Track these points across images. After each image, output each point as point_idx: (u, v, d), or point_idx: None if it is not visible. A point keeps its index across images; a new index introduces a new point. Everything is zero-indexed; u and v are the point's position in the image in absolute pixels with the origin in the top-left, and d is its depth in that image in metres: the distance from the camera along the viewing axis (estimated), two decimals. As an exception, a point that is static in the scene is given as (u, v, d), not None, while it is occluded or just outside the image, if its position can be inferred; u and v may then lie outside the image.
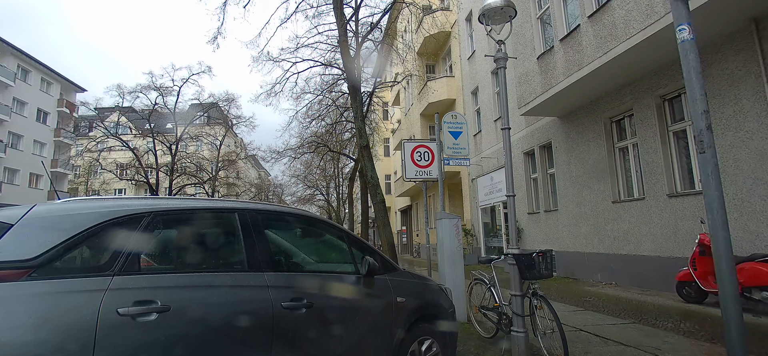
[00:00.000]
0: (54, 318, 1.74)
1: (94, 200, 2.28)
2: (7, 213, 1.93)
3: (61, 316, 1.76)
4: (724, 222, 1.93)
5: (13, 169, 30.57)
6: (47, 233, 1.90)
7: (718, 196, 1.93)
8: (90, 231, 2.00)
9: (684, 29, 2.06)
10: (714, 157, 1.96)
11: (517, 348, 3.63)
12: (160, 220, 2.26)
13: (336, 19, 10.49)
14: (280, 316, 2.40)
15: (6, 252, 1.78)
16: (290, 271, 2.74)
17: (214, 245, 2.54)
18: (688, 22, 2.07)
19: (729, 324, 1.90)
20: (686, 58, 2.05)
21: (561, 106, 10.10)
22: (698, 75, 2.00)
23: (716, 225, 1.94)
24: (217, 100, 29.44)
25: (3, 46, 29.95)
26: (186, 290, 2.13)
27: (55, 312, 1.76)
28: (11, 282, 1.73)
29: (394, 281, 3.25)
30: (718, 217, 1.93)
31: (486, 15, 4.10)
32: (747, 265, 5.76)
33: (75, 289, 1.84)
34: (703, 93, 1.98)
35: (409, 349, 3.12)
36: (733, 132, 6.54)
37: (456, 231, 5.57)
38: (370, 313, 2.99)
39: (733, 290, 1.87)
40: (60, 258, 1.88)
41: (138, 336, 1.90)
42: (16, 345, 1.63)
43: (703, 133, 1.95)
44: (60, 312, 1.77)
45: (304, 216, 3.41)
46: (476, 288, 5.01)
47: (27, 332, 1.67)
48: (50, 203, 2.17)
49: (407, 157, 7.33)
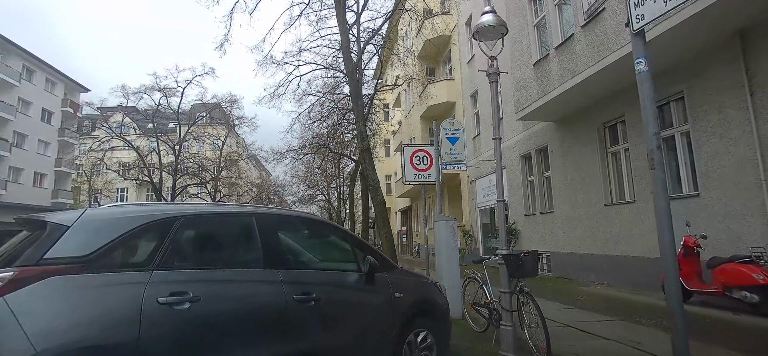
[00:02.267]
0: (107, 305, 2.10)
1: (133, 206, 2.63)
2: (63, 217, 2.28)
3: (114, 303, 2.12)
4: (669, 226, 2.24)
5: (18, 168, 30.93)
6: (97, 235, 2.25)
7: (665, 206, 2.24)
8: (132, 233, 2.35)
9: (641, 62, 2.38)
10: (662, 173, 2.27)
11: (505, 340, 3.96)
12: (189, 223, 2.61)
13: (338, 25, 10.82)
14: (292, 308, 2.74)
15: (65, 250, 2.14)
16: (300, 268, 3.09)
17: (235, 245, 2.88)
18: (645, 56, 2.39)
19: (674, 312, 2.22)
20: (642, 87, 2.37)
21: (556, 111, 10.41)
22: (652, 101, 2.32)
23: (663, 228, 2.26)
24: (220, 101, 29.82)
25: (8, 46, 30.34)
26: (213, 283, 2.48)
27: (108, 299, 2.12)
28: (71, 275, 2.08)
29: (393, 278, 3.58)
30: (665, 222, 2.24)
31: (480, 32, 4.42)
32: (728, 266, 6.08)
33: (122, 281, 2.19)
34: (655, 117, 2.30)
35: (406, 340, 3.45)
36: (717, 139, 6.86)
37: (452, 233, 5.89)
38: (371, 307, 3.32)
39: (675, 284, 2.18)
40: (108, 256, 2.23)
41: (175, 320, 2.27)
42: (78, 324, 2.01)
43: (654, 151, 2.26)
44: (112, 299, 2.12)
45: (313, 219, 3.76)
46: (470, 287, 5.34)
47: (86, 314, 2.05)
48: (98, 208, 2.51)
49: (407, 161, 7.65)
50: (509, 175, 14.04)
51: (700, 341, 4.67)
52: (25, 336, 1.87)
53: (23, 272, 2.01)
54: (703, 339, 4.75)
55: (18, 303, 1.92)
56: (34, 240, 2.20)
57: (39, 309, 1.95)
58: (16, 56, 31.11)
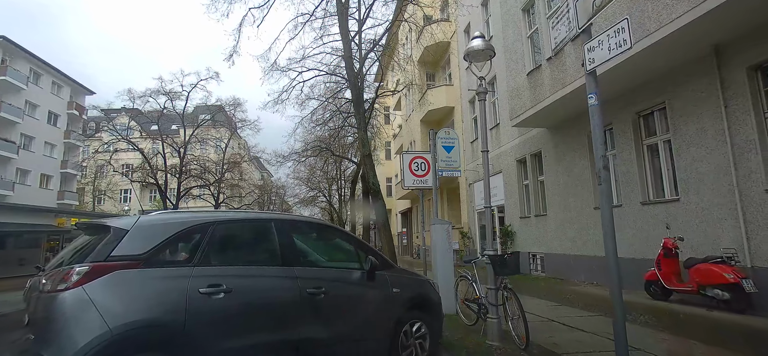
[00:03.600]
0: (161, 293, 2.63)
1: (176, 213, 3.14)
2: (123, 223, 2.79)
3: (165, 292, 2.64)
4: (612, 233, 2.72)
5: (25, 170, 31.47)
6: (150, 237, 2.77)
7: (609, 216, 2.72)
8: (177, 235, 2.87)
9: (592, 97, 2.86)
10: (608, 188, 2.75)
11: (492, 331, 4.45)
12: (221, 228, 3.13)
13: (341, 36, 11.32)
14: (305, 299, 3.24)
15: (126, 250, 2.66)
16: (312, 266, 3.61)
17: (258, 245, 3.39)
18: (596, 92, 2.87)
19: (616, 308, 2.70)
20: (593, 117, 2.86)
21: (549, 118, 10.90)
22: (600, 130, 2.80)
23: (607, 234, 2.73)
24: (224, 104, 30.35)
25: (16, 50, 30.90)
26: (241, 278, 3.00)
27: (161, 289, 2.64)
28: (132, 269, 2.59)
29: (392, 276, 4.09)
30: (609, 230, 2.72)
31: (470, 55, 4.92)
32: (702, 266, 6.57)
33: (171, 275, 2.71)
34: (603, 143, 2.78)
35: (402, 329, 3.95)
36: (695, 147, 7.34)
37: (447, 235, 6.39)
38: (372, 300, 3.82)
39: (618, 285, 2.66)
40: (159, 254, 2.75)
41: (212, 307, 2.80)
42: (139, 308, 2.54)
43: (601, 171, 2.74)
44: (164, 289, 2.65)
45: (322, 224, 4.28)
46: (462, 284, 5.83)
47: (145, 301, 2.58)
48: (149, 215, 3.02)
49: (406, 167, 8.13)
50: (505, 179, 14.54)
51: (672, 334, 5.17)
52: (101, 316, 2.38)
53: (96, 267, 2.53)
54: (674, 332, 5.24)
55: (93, 291, 2.45)
56: (100, 241, 2.72)
57: (109, 296, 2.48)
58: (23, 60, 31.68)
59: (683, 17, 6.19)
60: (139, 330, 2.49)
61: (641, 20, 7.01)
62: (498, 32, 13.91)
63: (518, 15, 11.45)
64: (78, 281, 2.45)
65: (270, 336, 3.00)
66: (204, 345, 2.68)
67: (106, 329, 2.37)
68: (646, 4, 6.89)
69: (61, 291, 2.44)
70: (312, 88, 19.85)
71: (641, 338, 4.89)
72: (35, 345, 2.39)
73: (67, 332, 2.34)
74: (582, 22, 2.97)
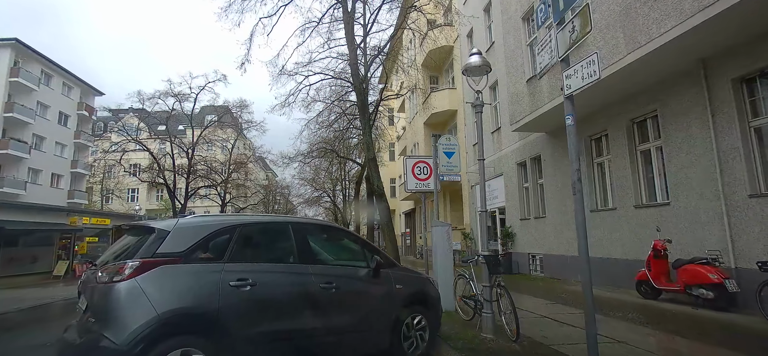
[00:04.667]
0: (198, 285, 3.08)
1: (208, 216, 3.59)
2: (164, 225, 3.26)
3: (202, 284, 3.09)
4: (585, 237, 3.12)
5: (36, 170, 32.17)
6: (188, 237, 3.22)
7: (582, 221, 3.12)
8: (209, 236, 3.32)
9: (569, 118, 3.26)
10: (581, 198, 3.15)
11: (486, 325, 4.86)
12: (246, 229, 3.59)
13: (347, 44, 11.74)
14: (319, 293, 3.69)
15: (169, 248, 3.12)
16: (324, 263, 4.04)
17: (277, 245, 3.83)
18: (572, 114, 3.28)
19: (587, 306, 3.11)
20: (570, 136, 3.26)
21: (547, 124, 11.28)
22: (575, 147, 3.20)
23: (580, 237, 3.13)
24: (231, 106, 30.91)
25: (28, 52, 31.62)
26: (264, 273, 3.45)
27: (199, 281, 3.09)
28: (174, 265, 3.04)
29: (395, 274, 4.53)
30: (582, 232, 3.12)
31: (468, 70, 5.33)
32: (689, 267, 6.95)
33: (207, 270, 3.16)
34: (578, 158, 3.17)
35: (404, 322, 4.38)
36: (684, 153, 7.71)
37: (447, 236, 6.80)
38: (377, 295, 4.25)
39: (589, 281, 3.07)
40: (196, 252, 3.19)
41: (240, 298, 3.25)
42: (181, 296, 3.01)
43: (575, 183, 3.14)
44: (201, 282, 3.10)
45: (332, 226, 4.73)
46: (460, 283, 6.25)
47: (186, 291, 3.04)
48: (186, 219, 3.47)
49: (408, 171, 8.55)
50: (506, 182, 14.92)
51: (656, 329, 5.57)
52: (150, 303, 2.84)
53: (145, 262, 2.99)
54: (658, 328, 5.63)
55: (143, 282, 2.91)
56: (146, 241, 3.17)
57: (156, 286, 2.93)
58: (35, 61, 32.40)
59: (670, 32, 6.58)
60: (181, 315, 2.97)
61: (633, 34, 7.40)
62: (499, 39, 14.30)
63: (518, 24, 11.84)
64: (131, 274, 2.91)
65: (289, 324, 3.45)
66: (234, 330, 3.14)
67: (154, 314, 2.83)
68: (637, 18, 7.28)
69: (117, 282, 2.91)
70: (318, 91, 20.29)
71: (626, 333, 5.30)
72: (96, 326, 2.85)
73: (123, 315, 2.81)
74: (561, 53, 3.38)
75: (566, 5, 3.31)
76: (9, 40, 30.56)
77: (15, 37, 30.81)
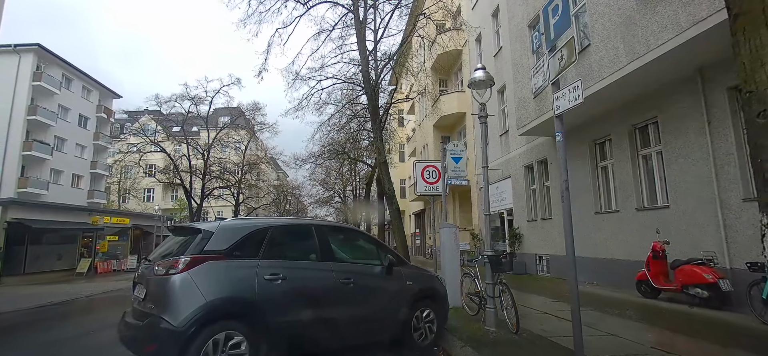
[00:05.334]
0: (238, 278, 3.61)
1: (245, 219, 4.15)
2: (209, 226, 3.79)
3: (241, 277, 3.62)
4: (572, 242, 3.54)
5: (58, 171, 33.29)
6: (229, 237, 3.74)
7: (569, 226, 3.54)
8: (246, 236, 3.84)
9: (559, 134, 3.69)
10: (569, 205, 3.57)
11: (489, 319, 5.31)
12: (277, 231, 4.11)
13: (359, 51, 12.24)
14: (339, 287, 4.20)
15: (214, 246, 3.66)
16: (343, 261, 4.53)
17: (303, 245, 4.34)
18: (561, 131, 3.71)
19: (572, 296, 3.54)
20: (560, 151, 3.68)
21: (553, 128, 11.60)
22: (564, 160, 3.63)
23: (567, 238, 3.55)
24: (245, 108, 31.67)
25: (50, 56, 32.76)
26: (293, 269, 3.97)
27: (238, 275, 3.62)
28: (218, 260, 3.56)
29: (406, 271, 5.02)
30: (569, 235, 3.54)
31: (473, 84, 5.78)
32: (686, 267, 7.29)
33: (245, 266, 3.68)
34: (565, 169, 3.61)
35: (414, 314, 4.85)
36: (683, 159, 8.05)
37: (454, 237, 7.25)
38: (390, 290, 4.74)
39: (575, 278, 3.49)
40: (236, 250, 3.71)
41: (273, 289, 3.77)
42: (224, 287, 3.54)
43: (564, 192, 3.57)
44: (241, 275, 3.63)
45: (350, 228, 5.24)
46: (466, 281, 6.70)
47: (228, 282, 3.57)
48: (226, 221, 4.01)
49: (418, 175, 9.01)
50: (514, 184, 15.28)
51: (650, 325, 5.95)
52: (200, 291, 3.36)
53: (194, 258, 3.53)
54: (652, 324, 6.01)
55: (194, 274, 3.46)
56: (194, 240, 3.71)
57: (204, 278, 3.47)
58: (56, 66, 33.54)
59: (667, 44, 6.94)
60: (225, 303, 3.52)
61: (632, 44, 7.76)
62: (507, 44, 14.67)
63: (524, 31, 12.20)
64: (183, 267, 3.45)
65: (313, 313, 3.96)
66: (268, 318, 3.67)
67: (203, 301, 3.37)
68: (637, 30, 7.64)
69: (172, 274, 3.46)
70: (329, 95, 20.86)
71: (619, 328, 5.69)
72: (156, 311, 3.39)
73: (178, 302, 3.36)
74: (552, 77, 3.81)
75: (556, 35, 3.75)
76: (31, 45, 31.68)
77: (37, 43, 31.92)
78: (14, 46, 31.01)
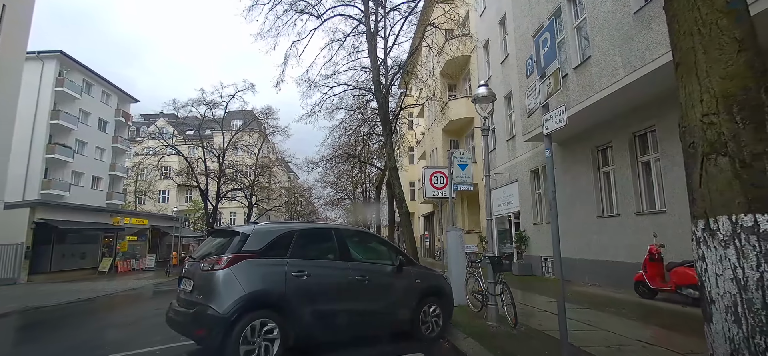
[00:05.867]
0: (271, 274, 4.20)
1: (274, 223, 4.76)
2: (245, 229, 4.40)
3: (273, 273, 4.21)
4: (558, 239, 4.05)
5: (79, 173, 34.50)
6: (262, 239, 4.35)
7: (556, 229, 4.05)
8: (276, 238, 4.44)
9: (548, 151, 4.21)
10: (556, 213, 4.08)
11: (490, 315, 5.84)
12: (302, 233, 4.70)
13: (371, 62, 12.83)
14: (355, 283, 4.77)
15: (250, 246, 4.26)
16: (359, 261, 5.11)
17: (324, 246, 4.93)
18: (550, 148, 4.23)
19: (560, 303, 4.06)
20: (548, 165, 4.20)
21: (557, 135, 12.01)
22: (552, 174, 4.14)
23: (554, 240, 4.06)
24: (258, 113, 32.52)
25: (71, 63, 33.99)
26: (315, 267, 4.56)
27: (271, 271, 4.22)
28: (254, 259, 4.17)
29: (414, 270, 5.59)
30: (556, 238, 4.05)
31: (476, 99, 6.31)
32: (679, 269, 7.72)
33: (275, 264, 4.27)
34: (553, 181, 4.12)
35: (422, 309, 5.41)
36: (678, 167, 8.45)
37: (460, 240, 7.78)
38: (400, 287, 5.30)
39: (561, 275, 4.01)
40: (268, 250, 4.31)
41: (299, 284, 4.37)
42: (258, 281, 4.13)
43: (552, 202, 4.09)
44: (272, 272, 4.23)
45: (365, 232, 5.87)
46: (470, 280, 7.23)
47: (262, 277, 4.15)
48: (259, 225, 4.62)
49: (426, 181, 9.54)
50: (520, 188, 15.73)
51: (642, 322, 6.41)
52: (240, 285, 3.97)
53: (234, 256, 4.14)
54: (644, 321, 6.47)
55: (235, 270, 4.08)
56: (232, 241, 4.32)
57: (243, 273, 4.08)
58: (77, 72, 34.76)
59: (660, 59, 7.39)
60: (260, 295, 4.14)
61: (629, 58, 8.22)
62: (513, 52, 15.13)
63: (529, 40, 12.66)
64: (226, 264, 4.08)
65: (333, 305, 4.55)
66: (295, 307, 4.27)
67: (243, 293, 3.99)
68: (633, 44, 8.11)
69: (217, 270, 4.08)
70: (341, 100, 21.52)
71: (611, 323, 6.16)
72: (203, 300, 4.01)
73: (223, 293, 3.97)
74: (542, 101, 4.34)
75: (545, 64, 4.28)
76: (54, 52, 32.91)
77: (59, 50, 33.12)
78: (38, 52, 32.20)
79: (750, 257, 2.00)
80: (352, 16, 13.60)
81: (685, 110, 2.49)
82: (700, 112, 2.32)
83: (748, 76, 2.17)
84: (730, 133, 2.16)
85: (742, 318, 2.00)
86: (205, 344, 4.21)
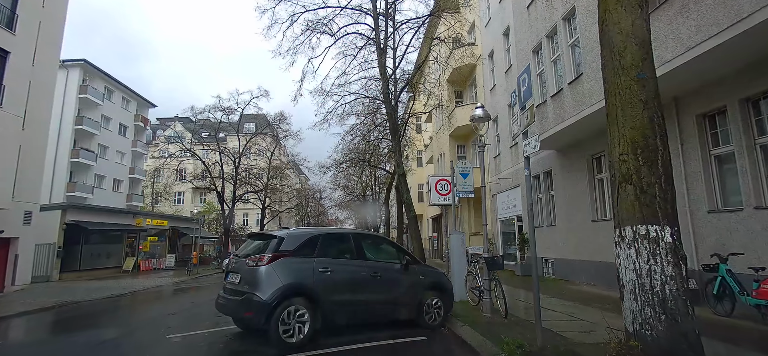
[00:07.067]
0: (301, 270, 5.19)
1: (303, 228, 5.74)
2: (280, 233, 5.38)
3: (303, 270, 5.20)
4: (534, 242, 4.95)
5: (101, 176, 36.05)
6: (294, 241, 5.34)
7: (533, 237, 4.95)
8: (306, 241, 5.44)
9: (526, 170, 5.12)
10: (532, 222, 4.98)
11: (485, 307, 6.75)
12: (326, 237, 5.68)
13: (380, 75, 13.79)
14: (369, 279, 5.74)
15: (285, 247, 5.26)
16: (371, 260, 6.07)
17: (343, 247, 5.90)
18: (528, 168, 5.13)
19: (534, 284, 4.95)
20: (526, 181, 5.10)
21: (556, 143, 12.90)
22: (530, 189, 5.04)
23: (532, 242, 4.96)
24: (271, 118, 33.73)
25: (94, 70, 35.57)
26: (337, 265, 5.54)
27: (301, 267, 5.21)
28: (289, 258, 5.16)
29: (419, 268, 6.54)
30: (532, 241, 4.95)
31: (473, 119, 7.22)
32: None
33: (305, 261, 5.26)
34: (531, 194, 5.02)
35: (425, 301, 6.35)
36: (663, 176, 9.26)
37: (462, 243, 8.70)
38: (407, 282, 6.25)
39: (536, 271, 4.91)
40: (299, 250, 5.30)
41: (325, 279, 5.36)
42: (291, 275, 5.14)
43: (529, 212, 4.99)
44: (303, 268, 5.22)
45: (377, 236, 6.86)
46: (469, 278, 8.15)
47: (295, 273, 5.16)
48: (291, 230, 5.61)
49: (432, 188, 10.49)
50: (523, 193, 16.54)
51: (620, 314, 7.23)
52: (279, 277, 4.95)
53: (273, 255, 5.12)
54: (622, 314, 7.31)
55: (274, 266, 5.07)
56: (270, 242, 5.31)
57: (280, 269, 5.06)
58: (99, 79, 36.34)
59: (642, 80, 8.21)
60: (294, 286, 5.12)
61: (615, 78, 9.03)
62: (516, 62, 15.98)
63: (530, 55, 13.53)
64: (267, 261, 5.07)
65: (351, 297, 5.53)
66: (321, 297, 5.23)
67: (281, 284, 4.97)
68: (619, 65, 8.92)
69: (260, 266, 5.06)
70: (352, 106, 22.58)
71: (593, 316, 7.01)
72: (249, 289, 5.00)
73: (265, 284, 4.95)
74: (522, 129, 5.26)
75: (524, 99, 5.20)
76: (78, 60, 34.52)
77: (83, 58, 34.72)
78: (63, 61, 33.78)
79: (643, 255, 2.91)
80: (363, 34, 14.60)
81: (610, 149, 3.41)
82: (618, 152, 3.24)
83: (648, 128, 3.08)
84: (635, 168, 3.08)
85: (639, 297, 2.91)
86: (251, 324, 5.23)
